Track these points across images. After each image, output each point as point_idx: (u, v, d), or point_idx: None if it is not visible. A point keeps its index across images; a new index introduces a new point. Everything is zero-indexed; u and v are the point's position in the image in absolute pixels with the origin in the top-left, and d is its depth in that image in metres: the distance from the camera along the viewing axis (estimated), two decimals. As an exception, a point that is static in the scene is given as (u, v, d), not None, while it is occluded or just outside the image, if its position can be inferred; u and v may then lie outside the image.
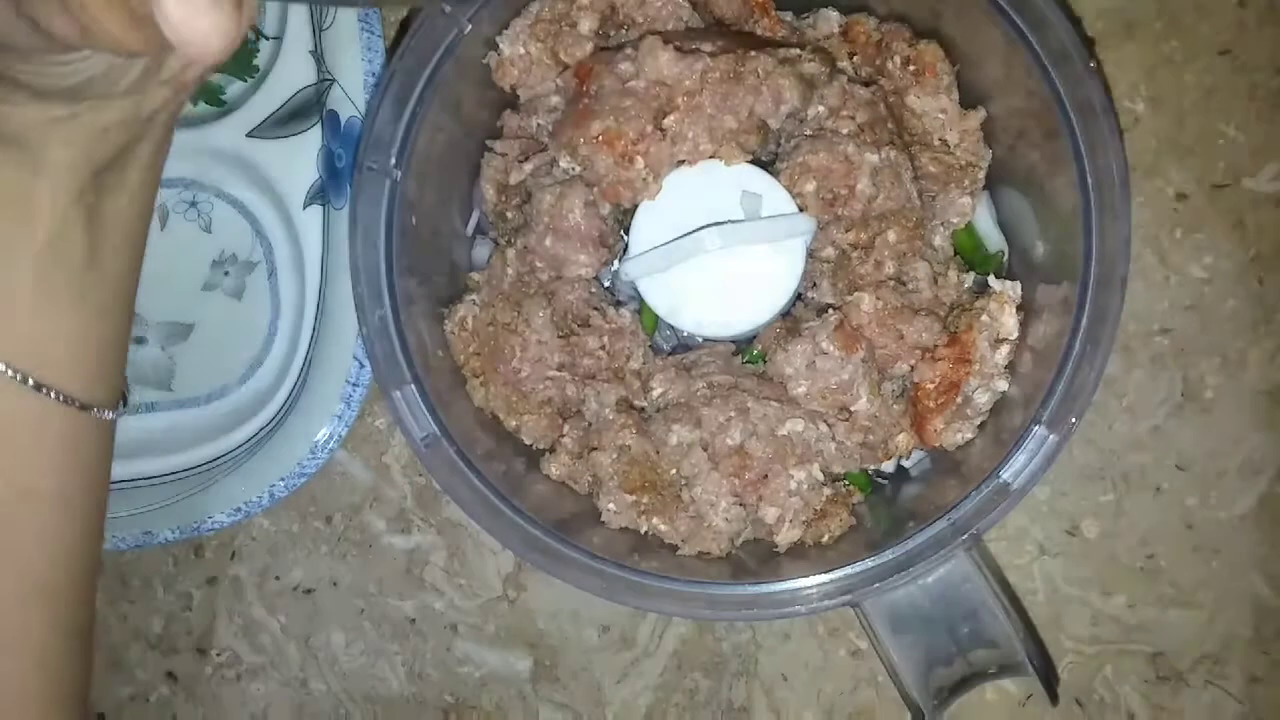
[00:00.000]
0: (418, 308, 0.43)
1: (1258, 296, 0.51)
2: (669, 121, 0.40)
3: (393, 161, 0.40)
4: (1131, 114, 0.51)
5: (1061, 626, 0.51)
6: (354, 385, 0.50)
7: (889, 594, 0.38)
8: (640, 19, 0.43)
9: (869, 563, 0.39)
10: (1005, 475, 0.38)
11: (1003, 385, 0.43)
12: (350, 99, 0.51)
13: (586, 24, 0.42)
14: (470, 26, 0.40)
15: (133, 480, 0.52)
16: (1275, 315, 0.50)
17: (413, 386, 0.40)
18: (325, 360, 0.51)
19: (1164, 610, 0.51)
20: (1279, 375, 0.50)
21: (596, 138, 0.40)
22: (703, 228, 0.41)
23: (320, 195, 0.51)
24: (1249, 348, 0.51)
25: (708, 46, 0.40)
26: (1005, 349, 0.43)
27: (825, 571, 0.39)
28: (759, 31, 0.44)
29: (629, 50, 0.40)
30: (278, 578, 0.55)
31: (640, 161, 0.39)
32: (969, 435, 0.43)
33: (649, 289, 0.43)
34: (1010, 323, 0.43)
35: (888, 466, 0.46)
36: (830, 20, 0.45)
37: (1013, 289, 0.43)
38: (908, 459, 0.46)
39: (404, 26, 0.51)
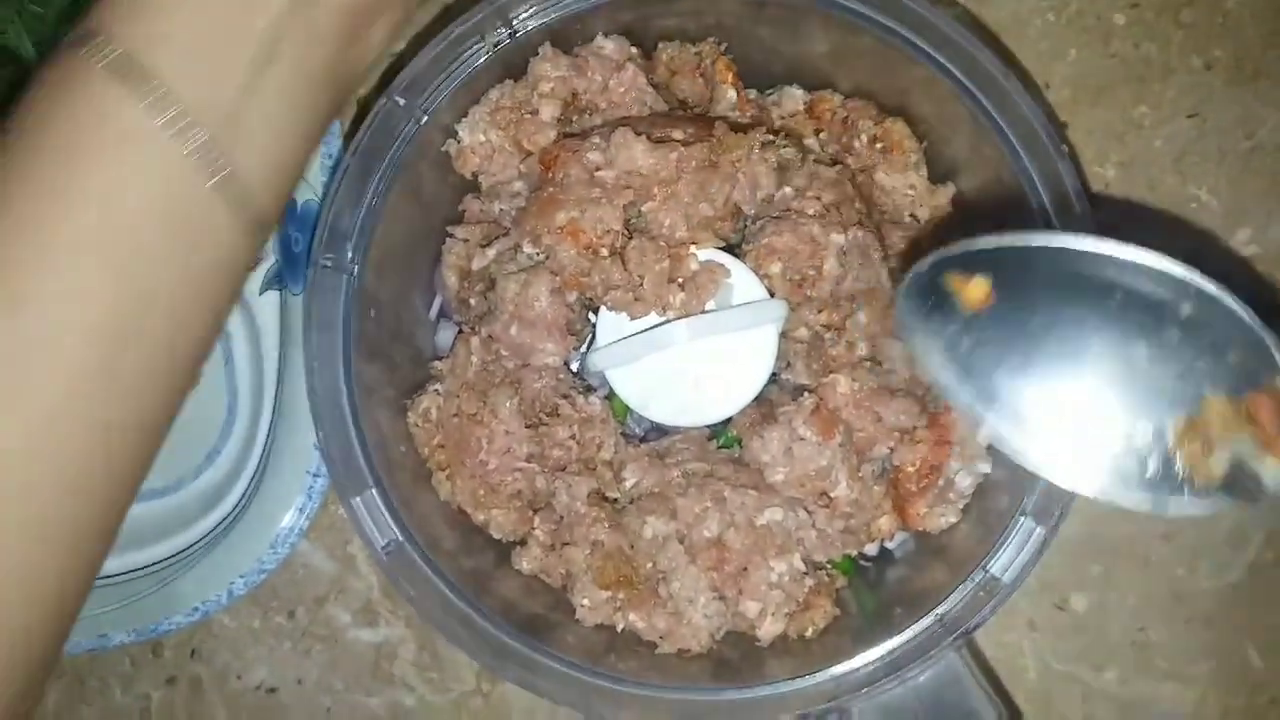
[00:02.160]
0: (379, 398, 0.42)
1: (1237, 361, 0.50)
2: (647, 208, 0.39)
3: (349, 256, 0.39)
4: (1102, 179, 0.51)
5: (1053, 705, 0.50)
6: (315, 475, 0.48)
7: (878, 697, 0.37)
8: (603, 105, 0.42)
9: (856, 662, 0.38)
10: (994, 569, 0.37)
11: (985, 467, 0.41)
12: (307, 182, 0.49)
13: (548, 111, 0.41)
14: (426, 118, 0.39)
15: (86, 580, 0.50)
16: (1255, 380, 0.50)
17: (373, 491, 0.38)
18: (285, 449, 0.49)
19: (1157, 685, 0.50)
20: (1262, 441, 0.50)
21: (561, 228, 0.39)
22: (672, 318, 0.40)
23: (277, 280, 0.50)
24: (1230, 413, 0.50)
25: (678, 134, 0.39)
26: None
27: (811, 673, 0.38)
28: (728, 112, 0.43)
29: (597, 140, 0.39)
30: (239, 677, 0.52)
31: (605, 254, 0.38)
32: (953, 519, 0.42)
33: (619, 380, 0.41)
34: (990, 401, 0.42)
35: (870, 548, 0.45)
36: (795, 97, 0.45)
37: (991, 366, 0.42)
38: (891, 541, 0.45)
39: (361, 113, 0.50)
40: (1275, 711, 0.49)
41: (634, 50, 0.43)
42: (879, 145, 0.43)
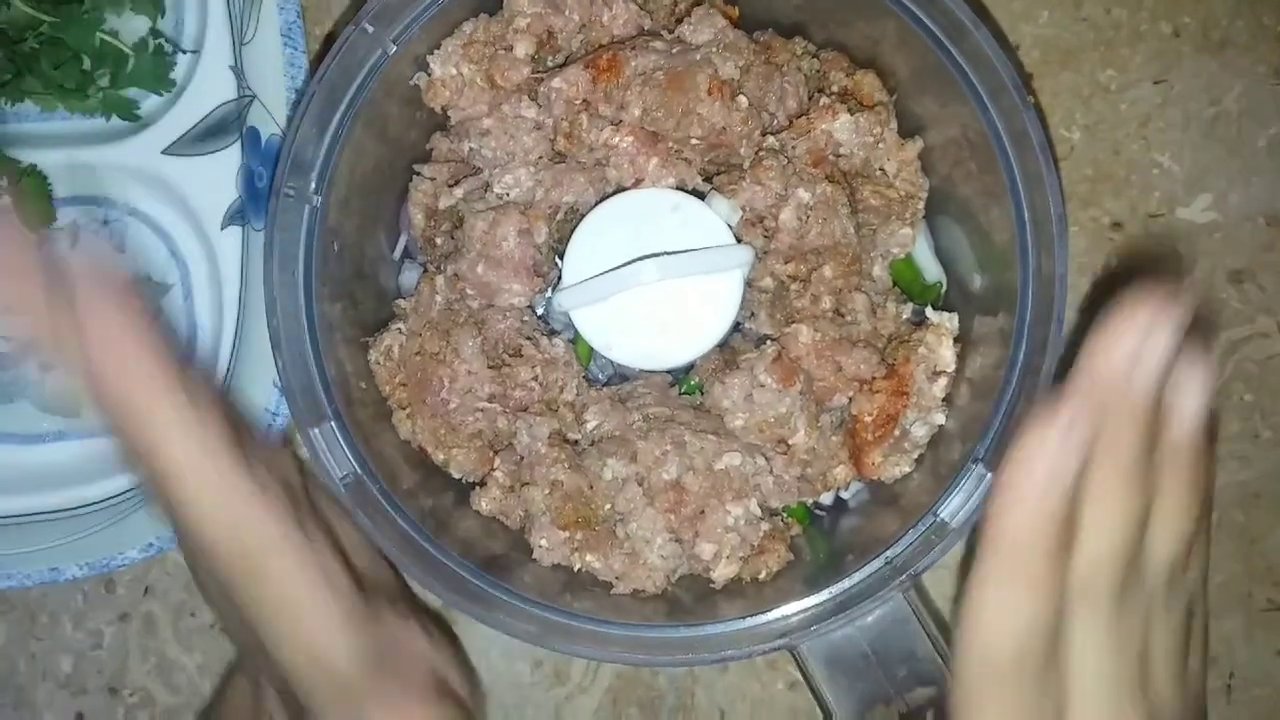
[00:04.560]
0: (340, 335, 0.42)
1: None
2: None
3: (313, 186, 0.39)
4: (1067, 142, 0.52)
5: (999, 657, 0.51)
6: (274, 415, 0.48)
7: (826, 635, 0.37)
8: (577, 47, 0.41)
9: (806, 602, 0.38)
10: (943, 514, 0.37)
11: (940, 418, 0.42)
12: (272, 116, 0.49)
13: (523, 48, 0.41)
14: (395, 48, 0.39)
15: (39, 514, 0.50)
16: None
17: (332, 423, 0.38)
18: (243, 388, 0.49)
19: (1099, 639, 0.51)
20: (1211, 405, 0.51)
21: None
22: (639, 259, 0.40)
23: (239, 216, 0.49)
24: (1182, 377, 0.51)
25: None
26: (942, 381, 0.42)
27: (762, 612, 0.38)
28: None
29: (658, 44, 0.40)
30: (193, 614, 0.52)
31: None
32: (906, 469, 0.42)
33: (583, 321, 0.41)
34: (947, 355, 0.42)
35: (826, 498, 0.46)
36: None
37: (950, 321, 0.43)
38: (846, 491, 0.45)
39: (328, 42, 0.49)
40: (1214, 669, 0.51)
41: (607, -13, 0.42)
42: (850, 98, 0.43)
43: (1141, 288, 0.26)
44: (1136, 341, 0.26)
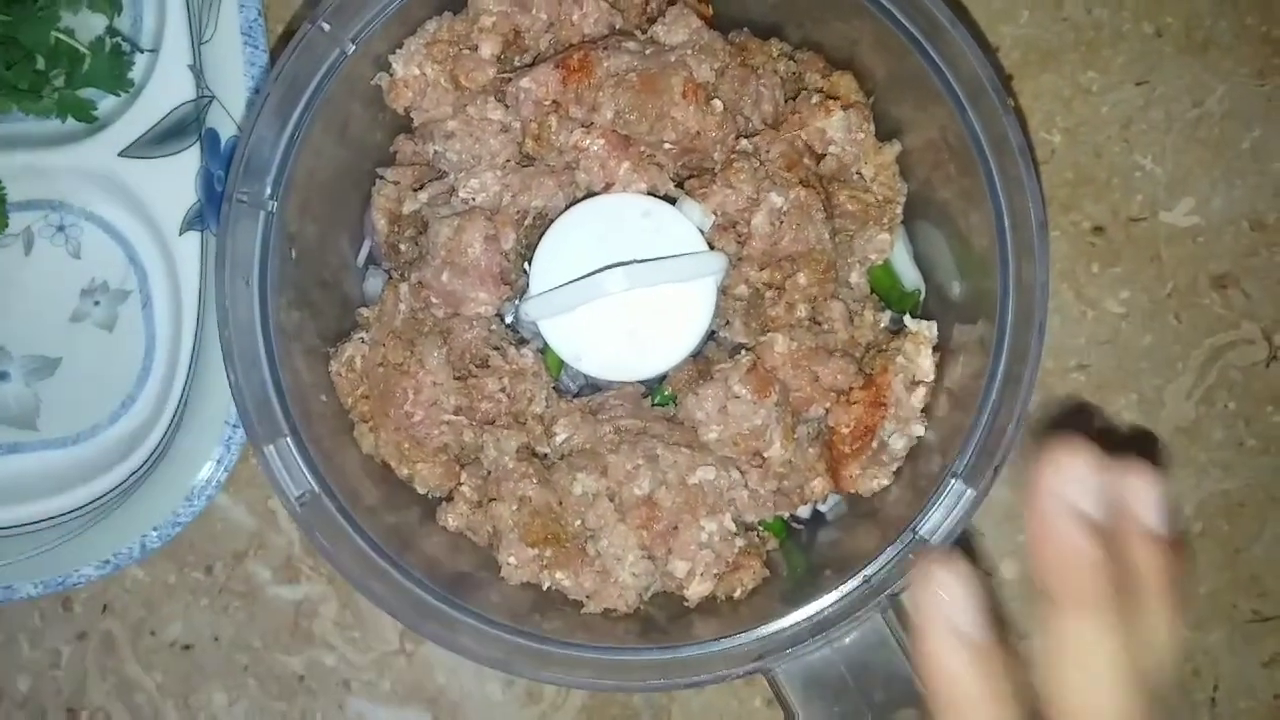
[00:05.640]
0: (300, 346, 0.40)
1: (1174, 332, 0.50)
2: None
3: (268, 191, 0.37)
4: (1048, 145, 0.51)
5: (981, 671, 0.50)
6: (234, 426, 0.47)
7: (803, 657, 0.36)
8: (545, 47, 0.40)
9: (783, 623, 0.37)
10: (922, 531, 0.36)
11: (919, 430, 0.41)
12: (231, 117, 0.47)
13: (488, 48, 0.40)
14: (354, 48, 0.37)
15: (-10, 530, 0.48)
16: (1191, 352, 0.50)
17: (288, 440, 0.37)
18: (203, 398, 0.47)
19: (1083, 652, 0.50)
20: (1195, 413, 0.50)
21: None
22: (608, 266, 0.39)
23: (198, 220, 0.48)
24: (1165, 385, 0.50)
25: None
26: (921, 391, 0.41)
27: (737, 633, 0.37)
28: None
29: (630, 45, 0.39)
30: (154, 633, 0.51)
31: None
32: (885, 482, 0.41)
33: (551, 331, 0.40)
34: (926, 364, 0.41)
35: (803, 511, 0.44)
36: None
37: (929, 329, 0.41)
38: (823, 504, 0.44)
39: (288, 40, 0.47)
40: (1199, 682, 0.50)
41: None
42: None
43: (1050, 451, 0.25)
44: (1062, 495, 0.25)
